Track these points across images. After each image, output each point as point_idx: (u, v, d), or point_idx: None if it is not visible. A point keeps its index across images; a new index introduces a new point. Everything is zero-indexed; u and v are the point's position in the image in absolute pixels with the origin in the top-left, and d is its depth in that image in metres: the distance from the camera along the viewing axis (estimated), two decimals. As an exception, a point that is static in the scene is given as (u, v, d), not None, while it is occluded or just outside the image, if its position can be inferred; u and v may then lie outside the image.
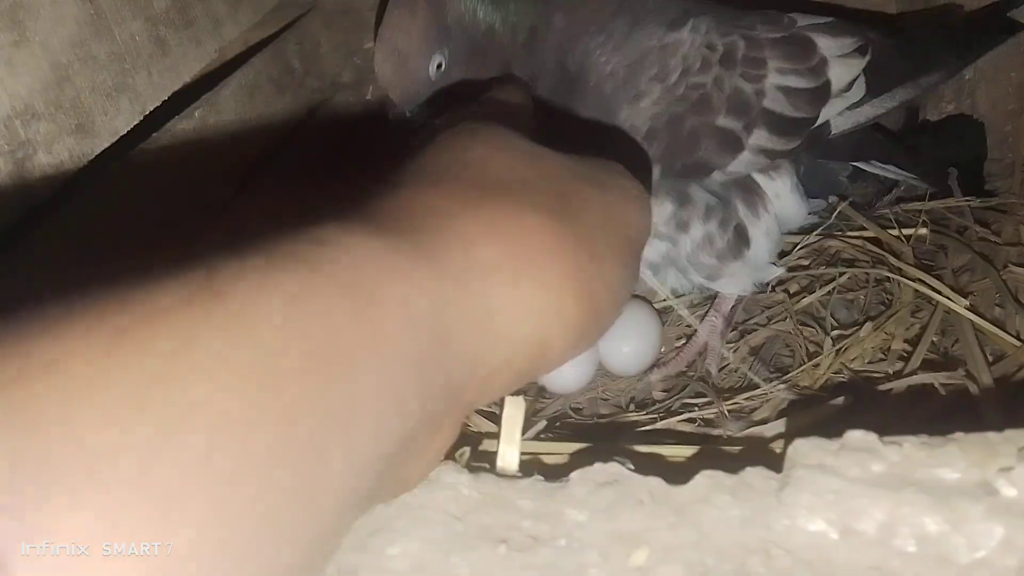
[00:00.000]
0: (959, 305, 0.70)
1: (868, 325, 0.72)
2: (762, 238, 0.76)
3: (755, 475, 0.42)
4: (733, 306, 0.79)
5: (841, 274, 0.81)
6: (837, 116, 0.76)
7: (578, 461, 0.48)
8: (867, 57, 0.76)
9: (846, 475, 0.39)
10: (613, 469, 0.45)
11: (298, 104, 1.06)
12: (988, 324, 0.69)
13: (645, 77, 0.69)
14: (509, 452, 0.49)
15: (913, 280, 0.73)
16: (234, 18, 0.90)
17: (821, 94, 0.74)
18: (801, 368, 0.69)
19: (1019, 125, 0.97)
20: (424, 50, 0.68)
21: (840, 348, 0.70)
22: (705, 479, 0.43)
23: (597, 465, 0.45)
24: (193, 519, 0.20)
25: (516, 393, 0.47)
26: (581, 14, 0.72)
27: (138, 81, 0.70)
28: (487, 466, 0.48)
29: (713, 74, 0.70)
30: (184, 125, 0.79)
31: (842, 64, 0.75)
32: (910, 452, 0.40)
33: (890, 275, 0.77)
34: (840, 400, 0.60)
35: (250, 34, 1.06)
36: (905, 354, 0.70)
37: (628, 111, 0.69)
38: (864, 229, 0.85)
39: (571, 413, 0.74)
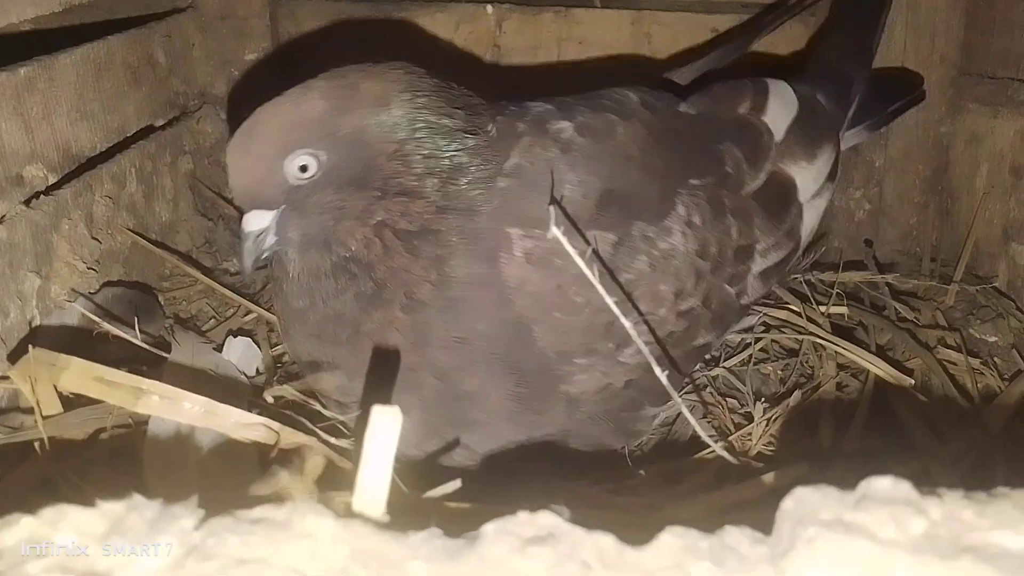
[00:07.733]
0: (904, 384, 0.63)
1: (797, 394, 0.64)
2: None
3: (739, 536, 0.31)
4: None
5: (757, 340, 0.73)
6: None
7: (492, 507, 0.35)
8: (832, 187, 0.70)
9: (876, 536, 0.29)
10: (546, 521, 0.32)
11: (155, 104, 0.90)
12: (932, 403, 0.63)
13: (634, 313, 0.56)
14: (373, 484, 0.35)
15: (858, 358, 0.67)
16: (90, -23, 0.76)
17: (787, 260, 0.67)
18: (733, 436, 0.60)
19: (925, 218, 0.96)
20: (285, 142, 0.52)
21: (771, 418, 0.61)
22: (674, 538, 0.31)
23: (522, 515, 0.32)
24: None
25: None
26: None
27: (-62, -3, 0.54)
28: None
29: (703, 291, 0.60)
30: (2, 79, 0.62)
31: (811, 210, 0.68)
32: (953, 508, 0.29)
33: (830, 349, 0.70)
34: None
35: (108, 9, 0.91)
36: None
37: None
38: (782, 301, 0.78)
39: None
